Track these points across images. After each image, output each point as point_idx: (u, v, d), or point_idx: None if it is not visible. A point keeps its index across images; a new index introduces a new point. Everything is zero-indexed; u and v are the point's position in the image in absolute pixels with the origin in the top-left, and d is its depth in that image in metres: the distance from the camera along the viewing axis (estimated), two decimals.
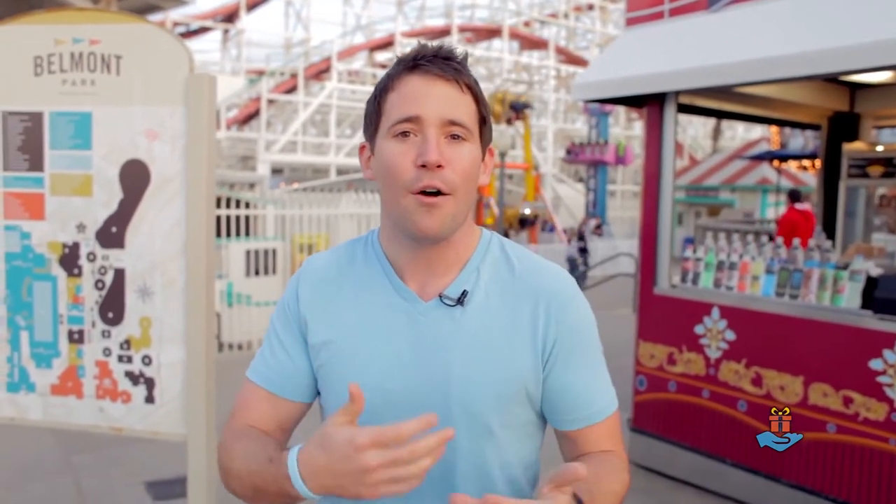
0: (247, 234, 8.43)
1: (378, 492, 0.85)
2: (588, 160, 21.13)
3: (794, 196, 8.23)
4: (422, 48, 1.04)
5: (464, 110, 1.02)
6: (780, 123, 6.67)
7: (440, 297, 1.06)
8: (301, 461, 0.90)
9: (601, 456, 1.09)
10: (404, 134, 1.00)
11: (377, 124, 1.05)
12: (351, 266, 1.13)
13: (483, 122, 1.06)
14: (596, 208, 24.15)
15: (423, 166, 0.98)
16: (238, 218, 8.29)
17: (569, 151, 21.77)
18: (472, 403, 1.04)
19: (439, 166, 0.98)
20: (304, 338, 1.13)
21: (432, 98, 1.00)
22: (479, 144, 1.05)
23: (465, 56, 1.06)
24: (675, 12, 4.00)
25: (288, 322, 1.14)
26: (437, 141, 0.99)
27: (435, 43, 1.05)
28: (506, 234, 14.91)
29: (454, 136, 1.01)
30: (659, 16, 4.07)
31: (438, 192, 0.99)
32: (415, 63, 1.02)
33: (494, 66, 34.65)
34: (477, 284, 1.07)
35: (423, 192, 0.99)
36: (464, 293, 1.06)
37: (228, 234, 8.15)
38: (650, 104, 4.03)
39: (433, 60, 1.01)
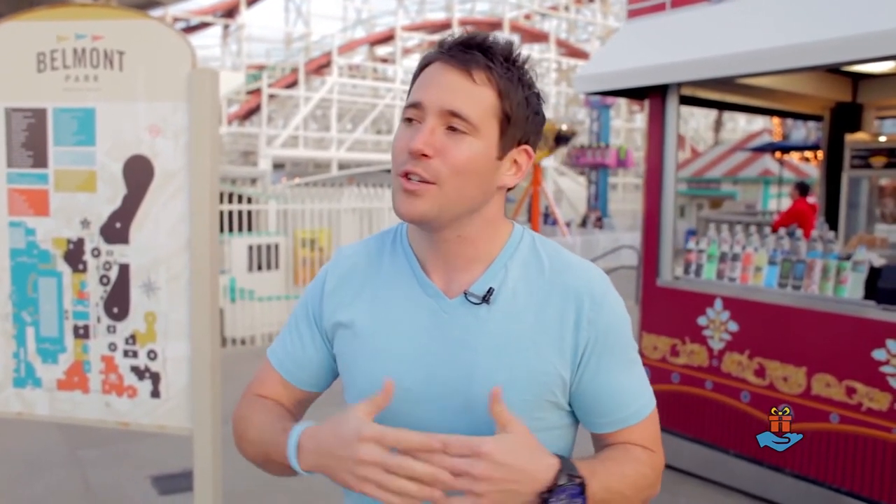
0: (249, 229, 8.44)
1: (362, 487, 0.89)
2: (589, 163, 21.18)
3: (803, 189, 8.22)
4: (458, 36, 1.01)
5: (470, 102, 0.97)
6: (783, 115, 6.66)
7: (465, 294, 1.03)
8: (305, 436, 0.96)
9: (625, 446, 1.06)
10: (409, 119, 1.00)
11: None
12: (379, 259, 1.12)
13: (506, 119, 1.00)
14: (598, 201, 24.14)
15: (411, 153, 0.97)
16: (240, 213, 8.29)
17: (570, 155, 21.81)
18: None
19: (424, 155, 0.96)
20: (319, 330, 1.13)
21: (436, 87, 0.98)
22: (493, 141, 1.00)
23: (508, 47, 1.01)
24: (676, 4, 3.99)
25: (307, 312, 1.15)
26: (431, 130, 0.97)
27: (481, 32, 1.02)
28: None
29: (452, 128, 0.97)
30: (661, 7, 4.06)
31: (421, 181, 0.97)
32: (442, 51, 1.01)
33: None
34: (504, 282, 1.04)
35: (407, 178, 0.98)
36: (489, 291, 1.03)
37: (231, 230, 8.16)
38: (652, 96, 4.02)
39: (453, 48, 0.99)
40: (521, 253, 1.07)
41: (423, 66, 1.03)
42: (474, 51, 0.98)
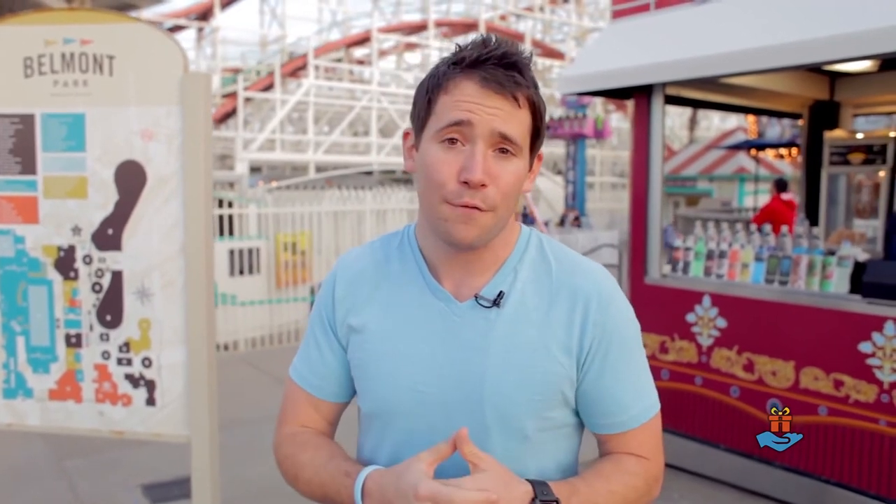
0: (230, 233, 8.36)
1: None
2: (567, 134, 21.32)
3: (781, 186, 8.33)
4: (483, 49, 0.98)
5: (517, 125, 0.97)
6: (762, 113, 6.75)
7: (476, 298, 1.04)
8: (370, 480, 0.98)
9: (617, 457, 1.07)
10: (452, 141, 0.97)
11: (425, 122, 1.01)
12: (387, 263, 1.12)
13: (536, 135, 1.02)
14: (575, 200, 24.24)
15: (466, 183, 0.95)
16: (221, 217, 8.22)
17: (548, 127, 21.91)
18: (506, 407, 1.02)
19: (483, 185, 0.95)
20: (336, 336, 1.13)
21: (486, 109, 0.95)
22: (527, 156, 1.02)
23: (530, 59, 1.01)
24: (660, 4, 4.03)
25: (322, 323, 1.14)
26: (484, 156, 0.96)
27: (499, 39, 0.99)
28: None
29: (502, 150, 0.97)
30: (645, 8, 4.09)
31: (477, 209, 0.97)
32: (475, 67, 0.97)
33: None
34: (513, 285, 1.05)
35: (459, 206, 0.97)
36: (500, 294, 1.04)
37: None
38: (637, 96, 4.05)
39: (494, 69, 0.96)
40: (530, 255, 1.08)
41: (448, 83, 0.99)
42: (514, 72, 0.97)
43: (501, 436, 1.03)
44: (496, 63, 0.97)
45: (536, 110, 1.01)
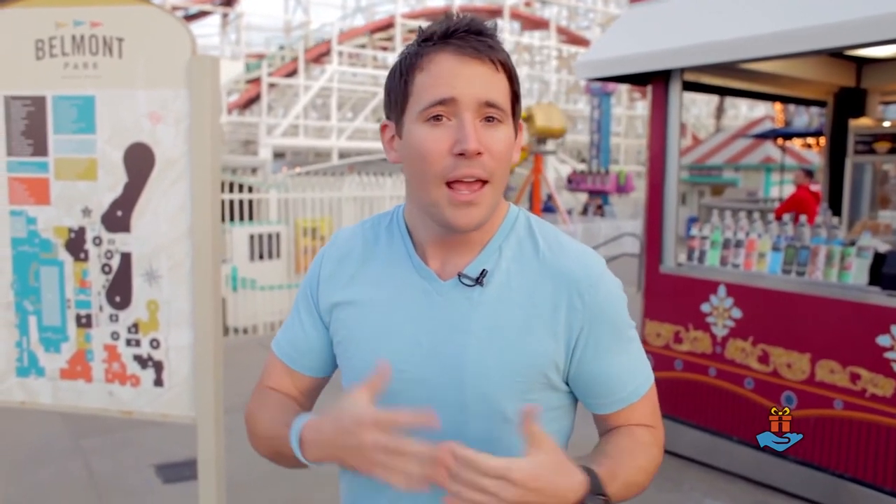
0: (250, 218, 8.42)
1: (373, 470, 0.89)
2: (589, 189, 21.21)
3: (808, 175, 8.20)
4: (450, 22, 0.97)
5: (499, 90, 0.97)
6: (786, 100, 6.62)
7: (459, 276, 1.03)
8: (306, 429, 0.97)
9: (630, 430, 1.07)
10: (437, 118, 0.95)
11: (404, 105, 0.99)
12: (375, 243, 1.12)
13: (516, 99, 1.01)
14: None
15: (461, 154, 0.94)
16: (241, 202, 8.28)
17: (570, 180, 21.92)
18: (487, 388, 1.01)
19: (478, 153, 0.94)
20: (319, 313, 1.14)
21: (467, 78, 0.94)
22: (511, 122, 1.00)
23: (495, 28, 1.00)
24: None
25: (307, 298, 1.15)
26: (474, 125, 0.94)
27: (461, 13, 0.99)
28: None
29: (489, 119, 0.96)
30: None
31: (478, 181, 0.95)
32: (446, 39, 0.96)
33: None
34: (498, 264, 1.04)
35: (459, 183, 0.95)
36: (483, 272, 1.02)
37: (232, 219, 8.15)
38: (655, 82, 4.00)
39: (465, 37, 0.95)
40: (516, 234, 1.06)
41: (421, 60, 0.98)
42: (486, 38, 0.96)
43: (481, 416, 1.01)
44: (467, 31, 0.96)
45: (512, 74, 1.00)
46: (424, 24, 1.04)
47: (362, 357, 1.06)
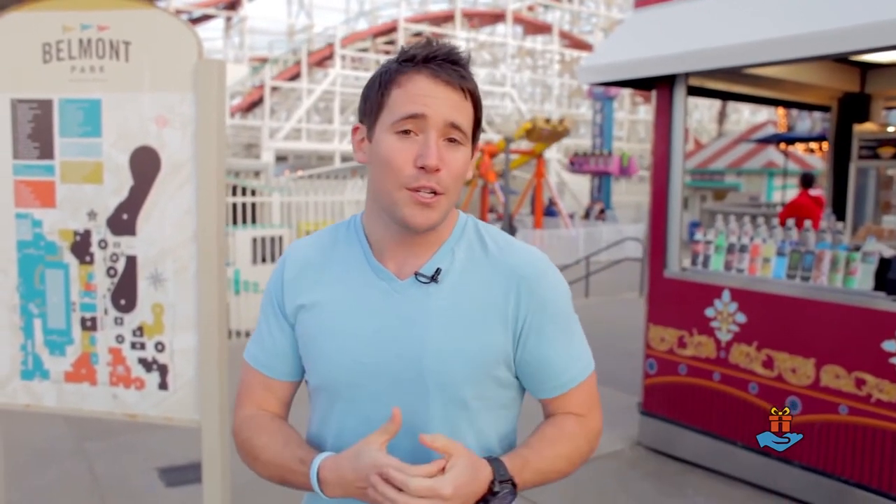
0: (253, 221, 8.43)
1: None
2: (591, 171, 21.10)
3: (808, 180, 8.15)
4: (431, 48, 1.08)
5: (464, 116, 1.08)
6: (790, 105, 6.62)
7: (416, 274, 1.12)
8: (324, 470, 1.06)
9: (558, 420, 1.17)
10: (406, 132, 1.05)
11: (378, 114, 1.09)
12: (333, 248, 1.20)
13: (477, 125, 1.12)
14: (600, 193, 24.06)
15: (422, 168, 1.04)
16: (244, 205, 8.29)
17: (572, 162, 21.84)
18: (445, 376, 1.09)
19: (437, 169, 1.04)
20: (284, 317, 1.20)
21: (438, 100, 1.05)
22: (470, 145, 1.11)
23: (469, 60, 1.12)
24: None
25: (272, 305, 1.22)
26: (438, 144, 1.05)
27: (440, 41, 1.10)
28: (510, 220, 14.84)
29: (451, 139, 1.07)
30: None
31: (433, 192, 1.06)
32: (425, 63, 1.07)
33: (498, 51, 34.44)
34: (452, 263, 1.13)
35: (417, 191, 1.05)
36: (437, 271, 1.12)
37: (235, 222, 8.15)
38: (659, 87, 3.99)
39: (443, 64, 1.07)
40: (467, 237, 1.17)
41: (399, 77, 1.07)
42: (459, 68, 1.08)
43: (442, 404, 1.10)
44: (444, 59, 1.07)
45: (477, 103, 1.12)
46: (427, 28, 1.09)
47: (325, 353, 1.14)
